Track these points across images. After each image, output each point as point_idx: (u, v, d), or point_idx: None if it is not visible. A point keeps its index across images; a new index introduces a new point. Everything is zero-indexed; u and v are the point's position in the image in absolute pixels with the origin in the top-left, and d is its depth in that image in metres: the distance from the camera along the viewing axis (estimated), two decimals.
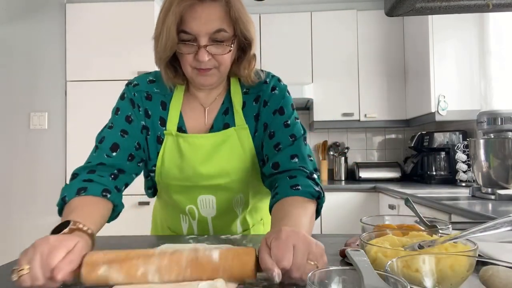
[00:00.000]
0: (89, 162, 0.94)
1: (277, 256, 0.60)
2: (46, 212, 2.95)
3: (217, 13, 0.86)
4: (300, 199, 0.85)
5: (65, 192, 0.86)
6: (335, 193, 3.06)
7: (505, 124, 1.97)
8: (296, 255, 0.60)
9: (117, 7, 3.04)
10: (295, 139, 0.97)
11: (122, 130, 0.97)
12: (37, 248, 0.62)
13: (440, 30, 2.78)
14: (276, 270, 0.59)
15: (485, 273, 0.51)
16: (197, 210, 1.02)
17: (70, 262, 0.61)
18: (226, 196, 1.01)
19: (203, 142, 0.96)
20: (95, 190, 0.87)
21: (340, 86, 3.41)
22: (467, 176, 2.59)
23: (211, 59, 0.89)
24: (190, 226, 1.06)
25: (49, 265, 0.59)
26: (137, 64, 2.97)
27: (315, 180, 0.92)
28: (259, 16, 3.44)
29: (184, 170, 0.97)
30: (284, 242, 0.61)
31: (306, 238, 0.63)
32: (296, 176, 0.91)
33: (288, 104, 1.01)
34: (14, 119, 3.05)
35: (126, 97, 1.01)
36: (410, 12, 1.12)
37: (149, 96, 1.00)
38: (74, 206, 0.82)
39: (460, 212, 1.67)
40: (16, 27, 3.08)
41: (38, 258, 0.60)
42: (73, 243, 0.64)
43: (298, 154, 0.95)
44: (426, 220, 0.80)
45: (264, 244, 0.64)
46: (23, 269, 0.60)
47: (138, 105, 0.99)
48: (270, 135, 0.98)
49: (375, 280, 0.44)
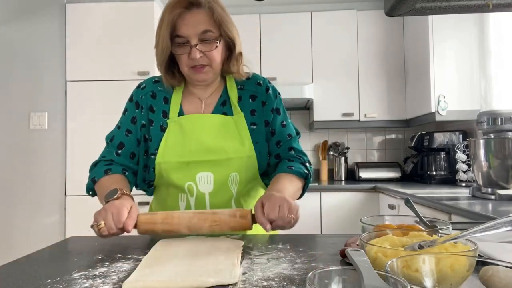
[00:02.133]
0: (103, 156, 1.17)
1: (268, 211, 0.91)
2: (46, 212, 2.95)
3: (202, 17, 1.06)
4: (291, 175, 1.12)
5: (93, 174, 1.13)
6: (335, 193, 3.06)
7: (505, 124, 1.97)
8: (281, 210, 0.91)
9: (117, 7, 3.04)
10: (291, 137, 1.21)
11: (127, 130, 1.17)
12: (107, 209, 0.92)
13: (440, 30, 2.78)
14: (268, 225, 0.90)
15: (485, 273, 0.51)
16: (196, 186, 1.12)
17: (133, 218, 0.92)
18: (223, 173, 1.12)
19: (204, 119, 1.14)
20: (117, 169, 1.13)
21: (340, 86, 3.41)
22: (467, 176, 2.59)
23: (203, 56, 1.07)
24: (188, 203, 1.13)
25: (120, 220, 0.90)
26: (137, 64, 2.97)
27: (307, 167, 1.17)
28: (259, 16, 3.44)
29: (186, 145, 1.11)
30: (273, 202, 0.93)
31: (289, 200, 0.94)
32: (293, 161, 1.17)
33: (282, 105, 1.23)
34: (14, 119, 3.05)
35: (134, 99, 1.19)
36: (410, 12, 1.12)
37: (154, 95, 1.18)
38: (108, 181, 1.09)
39: (460, 212, 1.67)
40: (16, 27, 3.08)
41: (110, 216, 0.90)
42: (130, 204, 0.95)
43: (293, 147, 1.20)
44: (426, 220, 0.80)
45: (259, 204, 0.94)
46: (101, 223, 0.89)
47: (142, 106, 1.17)
48: (272, 133, 1.19)
49: (375, 280, 0.44)
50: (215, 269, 0.69)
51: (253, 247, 0.88)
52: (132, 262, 0.77)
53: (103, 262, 0.77)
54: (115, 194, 0.98)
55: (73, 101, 3.01)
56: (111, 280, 0.66)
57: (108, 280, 0.66)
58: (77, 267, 0.74)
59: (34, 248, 0.99)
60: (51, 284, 0.65)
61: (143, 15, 3.01)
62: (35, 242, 2.79)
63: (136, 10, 3.02)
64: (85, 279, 0.67)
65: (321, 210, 3.03)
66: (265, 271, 0.69)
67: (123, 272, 0.71)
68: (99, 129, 3.09)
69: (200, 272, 0.68)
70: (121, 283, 0.64)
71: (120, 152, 1.16)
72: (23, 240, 2.95)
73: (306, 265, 0.73)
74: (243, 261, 0.76)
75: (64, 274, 0.70)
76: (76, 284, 0.65)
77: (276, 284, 0.63)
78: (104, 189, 1.05)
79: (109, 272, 0.71)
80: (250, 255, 0.81)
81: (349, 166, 3.67)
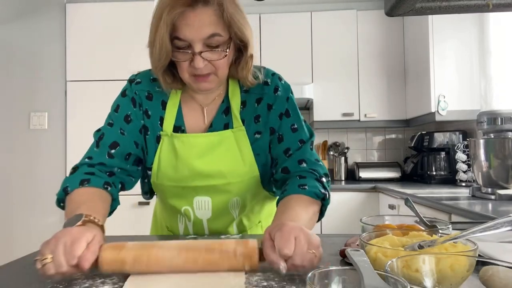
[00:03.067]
0: (90, 158, 0.96)
1: (280, 245, 0.65)
2: (46, 212, 2.95)
3: (209, 18, 0.85)
4: (305, 197, 0.88)
5: (67, 183, 0.89)
6: (335, 193, 3.05)
7: (505, 124, 1.97)
8: (298, 244, 0.66)
9: (117, 7, 3.04)
10: (303, 144, 0.98)
11: (121, 128, 0.98)
12: (59, 238, 0.67)
13: (440, 30, 2.77)
14: (282, 264, 0.65)
15: (485, 273, 0.51)
16: (193, 212, 1.01)
17: (93, 252, 0.67)
18: (222, 199, 1.00)
19: (198, 140, 0.96)
20: (97, 182, 0.90)
21: (340, 86, 3.41)
22: (467, 176, 2.59)
23: (208, 64, 0.88)
24: (186, 227, 1.06)
25: (73, 254, 0.65)
26: (137, 64, 2.92)
27: (323, 184, 0.94)
28: (259, 16, 3.44)
29: (179, 169, 0.96)
30: (286, 234, 0.67)
31: (306, 230, 0.69)
32: (306, 177, 0.93)
33: (294, 106, 1.01)
34: (14, 119, 3.05)
35: (128, 95, 1.01)
36: (410, 12, 1.12)
37: (150, 96, 1.00)
38: (80, 198, 0.86)
39: (460, 212, 1.67)
40: (16, 27, 3.08)
41: (61, 248, 0.65)
42: (92, 234, 0.69)
43: (305, 159, 0.97)
44: (426, 220, 0.80)
45: (268, 238, 0.69)
46: (47, 258, 0.65)
47: (140, 104, 1.00)
48: (279, 139, 0.99)
49: (375, 280, 0.44)
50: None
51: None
52: None
53: None
54: (78, 221, 0.74)
55: (73, 101, 3.01)
56: (111, 280, 0.66)
57: (108, 280, 0.66)
58: None
59: (34, 248, 0.98)
60: (51, 284, 0.65)
61: (143, 15, 2.98)
62: (35, 242, 2.78)
63: (136, 10, 3.01)
64: (85, 279, 0.67)
65: None
66: (265, 271, 0.69)
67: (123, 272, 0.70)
68: None
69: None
70: (121, 283, 0.64)
71: (113, 152, 0.96)
72: (23, 240, 2.95)
73: None
74: None
75: None
76: (76, 284, 0.64)
77: (276, 284, 0.63)
78: (73, 207, 0.82)
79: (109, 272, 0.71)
80: None
81: (349, 166, 3.67)
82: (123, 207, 1.70)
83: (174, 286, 0.64)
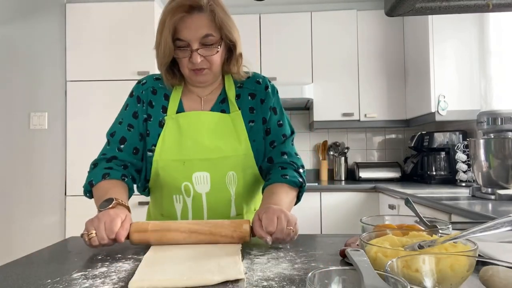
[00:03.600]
0: (104, 154, 1.14)
1: (265, 224, 0.87)
2: (46, 212, 2.95)
3: (204, 21, 1.05)
4: (286, 185, 1.09)
5: (91, 177, 1.09)
6: (335, 193, 3.06)
7: (505, 124, 1.97)
8: (279, 223, 0.87)
9: (117, 7, 3.04)
10: (285, 139, 1.19)
11: (129, 125, 1.16)
12: (101, 219, 0.87)
13: (440, 30, 2.78)
14: (268, 237, 0.86)
15: (485, 273, 0.51)
16: (192, 187, 1.11)
17: (126, 229, 0.88)
18: (220, 173, 1.11)
19: (202, 117, 1.13)
20: (116, 175, 1.09)
21: (340, 86, 3.41)
22: (467, 176, 2.59)
23: (203, 60, 1.07)
24: (185, 205, 1.11)
25: (112, 230, 0.85)
26: (137, 64, 2.97)
27: (301, 174, 1.14)
28: (259, 16, 3.44)
29: (183, 143, 1.10)
30: (271, 214, 0.88)
31: (286, 212, 0.90)
32: (287, 168, 1.13)
33: (279, 104, 1.22)
34: (14, 119, 3.05)
35: (135, 94, 1.19)
36: (410, 12, 1.12)
37: (155, 91, 1.18)
38: (105, 187, 1.05)
39: (460, 212, 1.67)
40: (16, 27, 3.08)
41: (102, 225, 0.86)
42: (124, 215, 0.91)
43: (287, 151, 1.17)
44: (426, 220, 0.80)
45: (257, 218, 0.90)
46: (92, 233, 0.85)
47: (143, 101, 1.17)
48: (267, 132, 1.18)
49: (375, 280, 0.44)
50: (218, 267, 0.69)
51: (253, 247, 0.88)
52: (132, 262, 0.77)
53: (103, 262, 0.77)
54: (110, 204, 0.94)
55: (73, 101, 3.01)
56: (111, 280, 0.66)
57: (108, 280, 0.66)
58: (77, 267, 0.74)
59: (34, 248, 0.99)
60: (51, 284, 0.65)
61: (143, 15, 3.01)
62: (35, 242, 2.79)
63: (136, 10, 3.02)
64: (85, 279, 0.67)
65: (321, 210, 3.03)
66: (265, 271, 0.69)
67: (123, 272, 0.71)
68: (99, 129, 3.09)
69: (204, 270, 0.68)
70: (121, 283, 0.64)
71: (122, 147, 1.14)
72: (23, 240, 2.95)
73: (306, 265, 0.73)
74: (243, 261, 0.76)
75: (64, 274, 0.70)
76: (76, 284, 0.65)
77: (276, 284, 0.63)
78: (101, 194, 1.02)
79: (109, 272, 0.71)
80: (250, 255, 0.81)
81: (349, 166, 3.67)
82: None
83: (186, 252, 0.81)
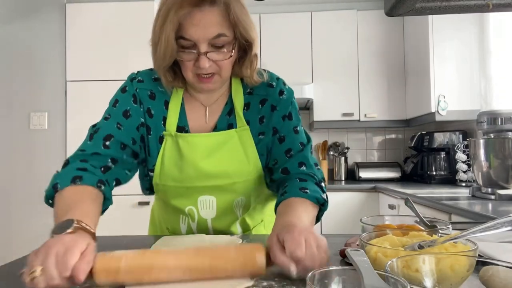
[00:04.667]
0: (83, 150, 0.92)
1: (291, 248, 0.64)
2: (46, 212, 2.93)
3: (216, 18, 0.84)
4: (306, 201, 0.88)
5: (57, 179, 0.84)
6: (335, 193, 3.05)
7: (505, 124, 1.97)
8: (308, 246, 0.65)
9: (117, 7, 3.04)
10: (304, 147, 0.99)
11: (118, 123, 0.95)
12: (51, 248, 0.61)
13: (440, 30, 2.77)
14: (293, 266, 0.64)
15: (485, 273, 0.51)
16: (197, 211, 1.00)
17: (88, 262, 0.61)
18: (227, 198, 0.99)
19: (203, 140, 0.96)
20: (90, 179, 0.85)
21: (340, 86, 3.41)
22: (467, 176, 2.59)
23: (212, 64, 0.88)
24: (189, 227, 1.04)
25: (66, 265, 0.59)
26: (137, 64, 2.94)
27: (323, 188, 0.94)
28: (259, 16, 3.44)
29: (184, 169, 0.95)
30: (296, 235, 0.67)
31: (314, 233, 0.70)
32: (307, 181, 0.93)
33: (296, 110, 1.03)
34: (14, 119, 3.05)
35: (128, 91, 0.99)
36: (410, 12, 1.12)
37: (153, 95, 0.99)
38: (71, 198, 0.80)
39: (460, 212, 1.67)
40: (16, 27, 3.08)
41: (53, 258, 0.59)
42: (86, 243, 0.64)
43: (305, 162, 0.98)
44: (426, 220, 0.79)
45: (275, 239, 0.68)
46: (35, 270, 0.58)
47: (141, 102, 0.98)
48: (280, 139, 0.99)
49: (375, 280, 0.44)
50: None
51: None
52: None
53: None
54: (68, 228, 0.67)
55: (73, 101, 3.01)
56: None
57: None
58: None
59: (34, 248, 0.98)
60: None
61: (143, 15, 3.01)
62: (35, 242, 2.78)
63: (136, 10, 3.01)
64: None
65: None
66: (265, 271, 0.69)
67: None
68: None
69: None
70: None
71: (108, 143, 0.92)
72: (23, 240, 2.95)
73: None
74: None
75: None
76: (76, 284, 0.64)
77: (276, 284, 0.63)
78: (62, 208, 0.78)
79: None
80: None
81: (349, 166, 3.67)
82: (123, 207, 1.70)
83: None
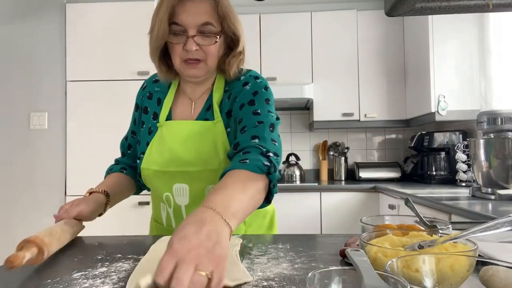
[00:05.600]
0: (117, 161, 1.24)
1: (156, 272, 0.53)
2: (46, 212, 2.94)
3: (205, 8, 0.98)
4: (245, 173, 0.81)
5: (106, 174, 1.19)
6: (335, 193, 3.06)
7: (505, 124, 1.97)
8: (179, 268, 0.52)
9: (117, 7, 3.04)
10: (261, 124, 0.96)
11: (132, 131, 1.21)
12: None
13: (440, 30, 2.78)
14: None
15: (485, 273, 0.51)
16: (173, 198, 1.07)
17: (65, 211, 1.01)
18: (199, 186, 1.04)
19: (182, 127, 1.06)
20: (116, 168, 1.18)
21: (340, 86, 3.41)
22: (467, 176, 2.59)
23: (199, 50, 0.99)
24: (168, 214, 1.10)
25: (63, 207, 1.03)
26: (137, 64, 2.97)
27: (269, 158, 0.87)
28: (259, 16, 3.44)
29: (163, 153, 1.05)
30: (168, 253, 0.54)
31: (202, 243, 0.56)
32: (250, 152, 0.89)
33: (262, 99, 1.02)
34: (14, 119, 3.05)
35: (135, 101, 1.20)
36: (410, 12, 1.12)
37: (151, 95, 1.16)
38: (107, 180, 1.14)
39: (460, 212, 1.67)
40: (16, 27, 3.08)
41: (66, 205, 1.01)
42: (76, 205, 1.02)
43: (259, 135, 0.94)
44: (426, 220, 0.79)
45: None
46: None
47: (141, 108, 1.17)
48: (239, 122, 1.01)
49: (375, 280, 0.44)
50: None
51: (253, 247, 0.88)
52: (132, 262, 0.77)
53: (103, 262, 0.77)
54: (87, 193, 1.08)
55: (73, 101, 3.01)
56: (111, 280, 0.66)
57: (108, 280, 0.66)
58: (77, 267, 0.74)
59: None
60: (51, 284, 0.65)
61: (143, 15, 3.00)
62: None
63: (136, 10, 3.02)
64: (85, 279, 0.67)
65: (321, 210, 3.03)
66: (265, 271, 0.69)
67: (123, 272, 0.70)
68: (99, 129, 3.11)
69: None
70: (121, 283, 0.64)
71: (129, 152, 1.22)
72: None
73: (306, 265, 0.73)
74: (243, 261, 0.76)
75: (64, 274, 0.69)
76: (76, 284, 0.64)
77: (276, 284, 0.63)
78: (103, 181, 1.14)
79: (109, 272, 0.71)
80: (250, 255, 0.81)
81: (349, 166, 3.67)
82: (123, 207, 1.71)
83: None
